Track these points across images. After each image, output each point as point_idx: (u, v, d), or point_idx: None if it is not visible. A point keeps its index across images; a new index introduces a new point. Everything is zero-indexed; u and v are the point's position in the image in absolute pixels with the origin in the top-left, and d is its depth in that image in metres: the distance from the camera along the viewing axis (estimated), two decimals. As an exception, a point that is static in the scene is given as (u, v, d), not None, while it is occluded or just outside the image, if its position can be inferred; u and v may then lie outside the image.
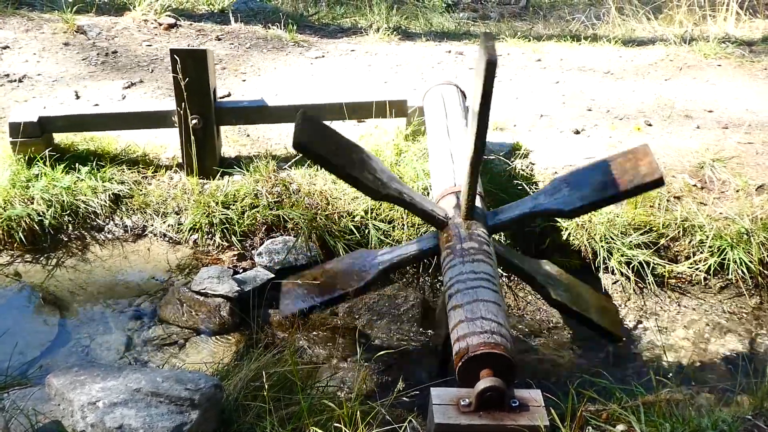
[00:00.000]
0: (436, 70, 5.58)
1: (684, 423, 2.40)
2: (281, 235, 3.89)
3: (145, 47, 5.71)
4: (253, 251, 3.85)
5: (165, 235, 3.95)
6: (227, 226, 3.88)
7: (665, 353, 3.46)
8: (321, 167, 2.86)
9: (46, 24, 5.93)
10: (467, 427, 2.30)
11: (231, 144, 4.44)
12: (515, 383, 2.46)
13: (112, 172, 4.08)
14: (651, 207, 3.98)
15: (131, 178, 4.11)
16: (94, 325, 3.44)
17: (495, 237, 3.52)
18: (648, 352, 3.50)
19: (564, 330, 3.62)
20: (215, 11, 6.88)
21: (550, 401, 2.50)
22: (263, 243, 3.85)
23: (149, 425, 2.23)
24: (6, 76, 5.09)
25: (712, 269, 3.78)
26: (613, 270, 3.76)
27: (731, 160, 4.30)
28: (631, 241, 3.79)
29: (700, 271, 3.81)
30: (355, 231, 3.83)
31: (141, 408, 2.26)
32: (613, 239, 3.79)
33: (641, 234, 3.82)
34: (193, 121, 3.91)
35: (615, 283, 3.82)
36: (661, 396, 2.61)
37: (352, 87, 5.19)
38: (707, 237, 3.81)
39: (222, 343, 3.38)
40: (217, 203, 3.92)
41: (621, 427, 2.44)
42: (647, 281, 3.77)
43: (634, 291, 3.78)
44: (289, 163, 4.16)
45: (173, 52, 3.77)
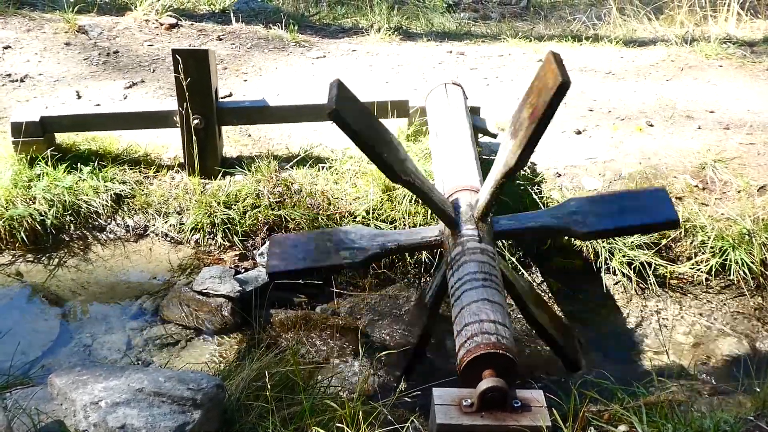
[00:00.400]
0: (437, 70, 5.59)
1: (686, 424, 2.40)
2: (283, 235, 3.90)
3: (147, 47, 5.72)
4: (255, 251, 3.86)
5: (167, 235, 3.96)
6: (229, 226, 3.88)
7: (667, 354, 3.46)
8: (351, 140, 2.87)
9: (47, 24, 5.93)
10: (469, 428, 2.30)
11: (232, 144, 4.44)
12: (517, 384, 2.46)
13: (113, 171, 4.09)
14: (652, 207, 3.98)
15: (133, 178, 4.11)
16: (95, 325, 3.44)
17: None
18: (650, 352, 3.50)
19: (565, 330, 3.62)
20: (216, 11, 6.88)
21: (552, 402, 2.50)
22: (265, 243, 3.85)
23: (152, 425, 2.23)
24: (8, 75, 5.09)
25: (713, 270, 3.78)
26: (615, 270, 3.76)
27: (733, 160, 4.30)
28: (633, 242, 3.79)
29: (701, 272, 3.81)
30: (357, 231, 3.82)
31: (143, 408, 2.26)
32: (615, 240, 3.79)
33: (643, 234, 3.82)
34: (195, 121, 3.92)
35: (617, 284, 3.82)
36: (663, 397, 2.61)
37: (353, 87, 5.16)
38: (709, 238, 3.81)
39: (224, 343, 3.38)
40: (219, 203, 3.92)
41: (623, 428, 2.44)
42: (649, 282, 3.77)
43: (635, 291, 3.78)
44: (291, 163, 4.17)
45: (175, 52, 3.78)
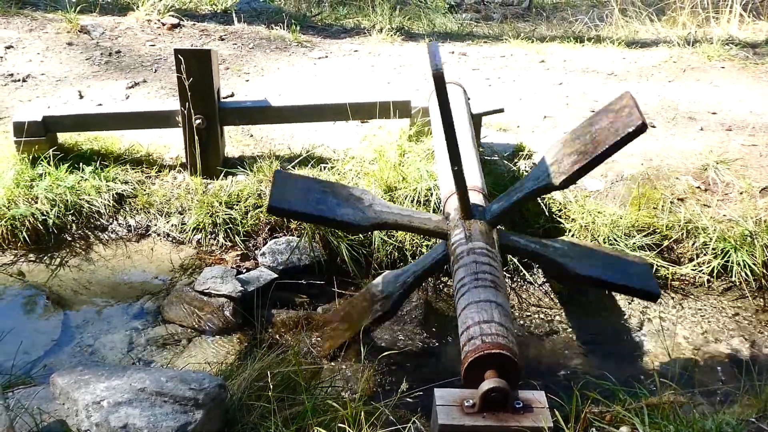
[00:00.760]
0: (439, 70, 5.58)
1: (688, 425, 2.40)
2: (284, 236, 3.90)
3: (149, 47, 5.72)
4: (257, 251, 3.86)
5: (168, 235, 3.96)
6: (231, 226, 3.88)
7: (669, 355, 3.46)
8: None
9: (49, 24, 5.94)
10: (471, 428, 2.30)
11: (234, 144, 4.45)
12: (519, 384, 2.46)
13: (115, 171, 4.09)
14: (654, 209, 3.98)
15: (135, 177, 4.12)
16: (97, 325, 3.44)
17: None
18: (651, 353, 3.49)
19: (567, 331, 3.61)
20: (218, 11, 6.89)
21: (553, 403, 2.50)
22: (266, 243, 3.85)
23: (153, 425, 2.23)
24: (10, 75, 5.10)
25: (715, 271, 3.78)
26: (617, 271, 3.76)
27: (735, 162, 4.30)
28: (635, 243, 3.79)
29: (703, 273, 3.81)
30: (358, 231, 3.83)
31: (145, 407, 2.26)
32: (617, 241, 3.78)
33: (645, 236, 3.82)
34: (197, 121, 3.92)
35: (618, 285, 3.81)
36: (665, 398, 2.60)
37: (355, 87, 5.19)
38: (711, 239, 3.81)
39: (225, 343, 3.38)
40: (221, 203, 3.92)
41: (624, 429, 2.43)
42: (650, 283, 3.77)
43: (637, 292, 3.78)
44: (293, 164, 4.17)
45: (177, 52, 3.78)
